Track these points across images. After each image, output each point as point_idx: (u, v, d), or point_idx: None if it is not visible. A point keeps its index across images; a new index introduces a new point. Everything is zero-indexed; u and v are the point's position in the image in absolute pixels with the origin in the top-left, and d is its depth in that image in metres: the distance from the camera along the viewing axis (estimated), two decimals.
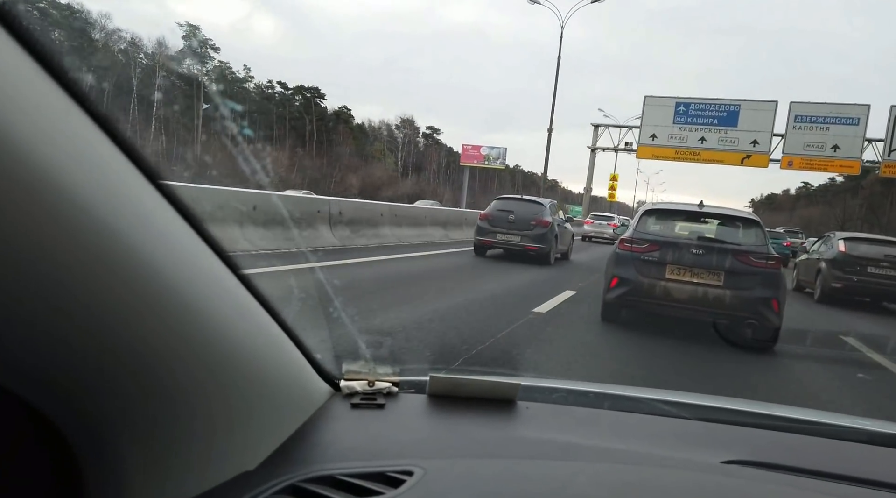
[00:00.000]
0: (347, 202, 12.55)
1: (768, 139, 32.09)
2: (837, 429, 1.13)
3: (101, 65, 52.35)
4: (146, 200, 0.56)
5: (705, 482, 0.80)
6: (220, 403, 0.68)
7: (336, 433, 0.88)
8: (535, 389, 1.16)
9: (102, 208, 0.49)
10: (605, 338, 5.64)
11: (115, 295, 0.51)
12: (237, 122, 1.04)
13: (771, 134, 32.22)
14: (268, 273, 6.11)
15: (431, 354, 4.18)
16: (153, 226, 0.56)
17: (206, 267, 0.65)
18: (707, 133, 33.23)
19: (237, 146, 0.96)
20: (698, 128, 33.52)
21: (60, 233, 0.46)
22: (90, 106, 0.49)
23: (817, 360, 5.90)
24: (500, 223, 11.97)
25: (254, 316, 0.75)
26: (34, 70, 0.45)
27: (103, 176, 0.50)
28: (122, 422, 0.57)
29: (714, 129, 33.18)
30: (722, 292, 5.60)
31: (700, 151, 33.67)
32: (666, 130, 34.10)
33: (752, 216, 6.38)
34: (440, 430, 0.96)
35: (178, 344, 0.59)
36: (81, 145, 0.49)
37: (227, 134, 0.95)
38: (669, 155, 34.70)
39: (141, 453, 0.60)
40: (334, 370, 1.00)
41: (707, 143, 33.27)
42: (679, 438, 1.00)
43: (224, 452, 0.70)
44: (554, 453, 0.87)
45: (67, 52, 46.51)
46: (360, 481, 0.73)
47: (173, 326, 0.58)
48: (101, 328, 0.51)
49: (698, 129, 33.49)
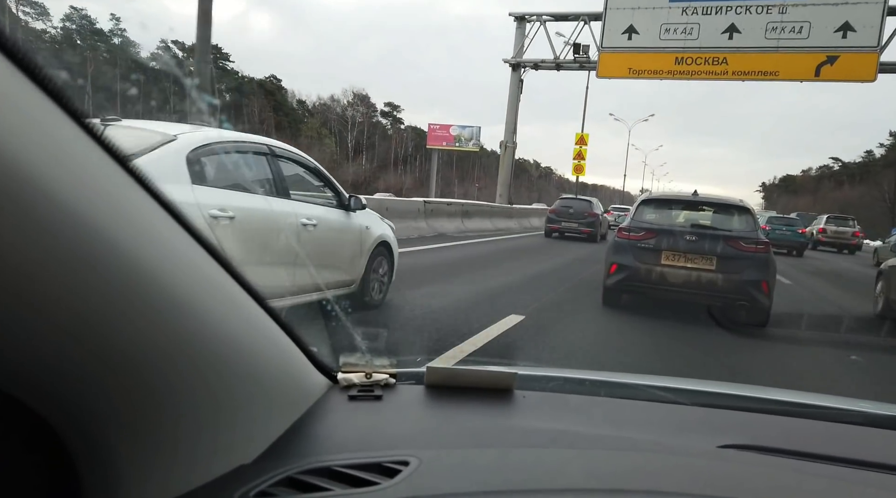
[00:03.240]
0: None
1: (877, 16, 14.78)
2: (834, 411, 1.13)
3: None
4: (129, 197, 0.56)
5: (702, 467, 0.80)
6: (215, 397, 0.68)
7: (333, 425, 0.88)
8: (531, 377, 1.17)
9: (84, 206, 0.48)
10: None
11: (103, 293, 0.51)
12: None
13: (884, 7, 14.96)
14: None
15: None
16: (138, 223, 0.56)
17: (194, 262, 0.64)
18: (742, 17, 15.87)
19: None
20: (720, 6, 16.19)
21: (42, 233, 0.45)
22: (67, 103, 0.49)
23: None
24: (563, 215, 17.72)
25: (247, 311, 0.74)
26: (8, 68, 0.44)
27: (83, 172, 0.50)
28: (116, 418, 0.58)
29: (756, 7, 15.85)
30: (714, 276, 5.87)
31: (727, 56, 16.27)
32: (654, 18, 16.79)
33: (743, 204, 6.60)
34: (437, 420, 0.96)
35: (171, 341, 0.59)
36: (59, 143, 0.48)
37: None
38: (663, 67, 17.26)
39: (137, 449, 0.61)
40: (331, 363, 1.00)
41: (743, 38, 15.84)
42: (675, 424, 1.00)
43: (221, 446, 0.71)
44: (550, 441, 0.87)
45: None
46: (356, 472, 0.73)
47: (164, 323, 0.58)
48: (90, 327, 0.51)
49: (721, 8, 16.15)
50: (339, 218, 4.77)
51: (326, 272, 4.63)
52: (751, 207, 6.56)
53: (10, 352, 0.48)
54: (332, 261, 4.67)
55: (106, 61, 56.07)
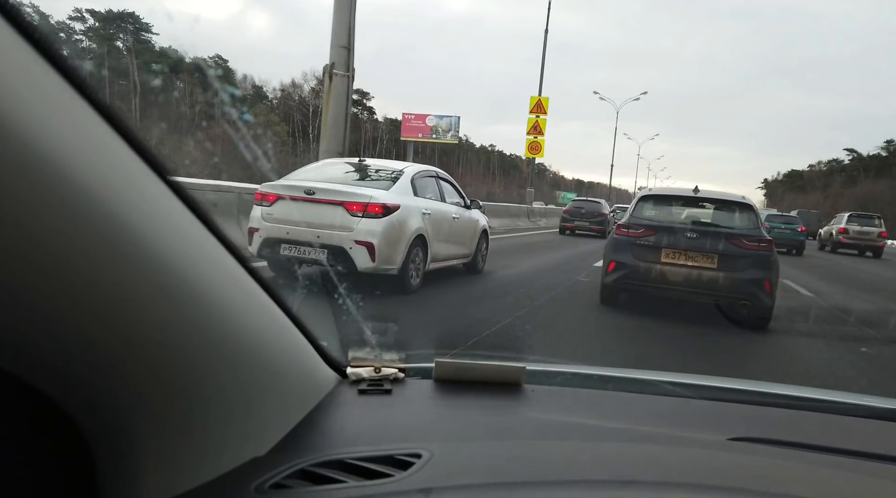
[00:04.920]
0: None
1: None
2: (840, 405, 1.14)
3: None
4: (154, 193, 0.56)
5: (711, 458, 0.80)
6: (229, 391, 0.68)
7: (344, 419, 0.88)
8: (540, 372, 1.17)
9: (111, 201, 0.49)
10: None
11: (126, 287, 0.51)
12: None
13: None
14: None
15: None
16: (162, 219, 0.56)
17: (215, 259, 0.65)
18: None
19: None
20: None
21: (70, 226, 0.46)
22: (94, 98, 0.49)
23: None
24: (576, 214, 19.78)
25: (262, 306, 0.75)
26: (37, 62, 0.44)
27: (110, 168, 0.50)
28: (134, 410, 0.58)
29: None
30: (716, 274, 5.72)
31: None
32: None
33: (746, 200, 6.44)
34: (447, 413, 0.96)
35: (189, 334, 0.60)
36: (86, 137, 0.48)
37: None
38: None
39: (153, 440, 0.61)
40: (341, 358, 1.01)
41: None
42: (684, 417, 1.00)
43: (234, 439, 0.71)
44: (559, 434, 0.87)
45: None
46: (369, 465, 0.73)
47: (184, 317, 0.58)
48: (113, 320, 0.51)
49: None
50: (466, 214, 7.56)
51: (461, 248, 7.41)
52: (753, 204, 6.39)
53: (33, 337, 0.48)
54: (463, 241, 7.47)
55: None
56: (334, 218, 5.55)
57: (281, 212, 5.67)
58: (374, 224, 5.55)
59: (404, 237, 5.85)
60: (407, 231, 5.89)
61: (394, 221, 5.69)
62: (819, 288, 9.77)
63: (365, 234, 5.52)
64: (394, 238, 5.70)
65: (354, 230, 5.52)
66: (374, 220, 5.55)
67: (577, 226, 19.60)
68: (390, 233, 5.65)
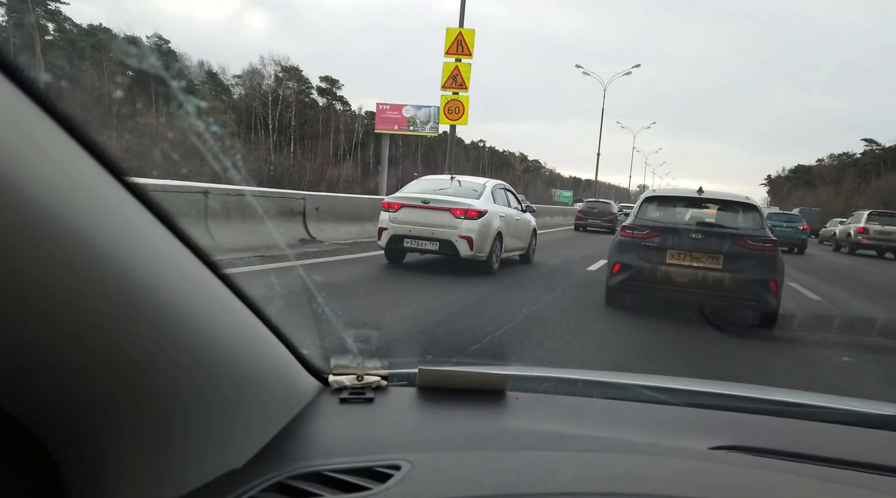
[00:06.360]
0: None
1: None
2: (825, 411, 1.15)
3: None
4: (114, 199, 0.54)
5: (693, 469, 0.80)
6: (204, 402, 0.67)
7: (324, 429, 0.87)
8: (524, 378, 1.18)
9: (69, 210, 0.47)
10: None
11: (91, 299, 0.50)
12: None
13: None
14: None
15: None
16: (124, 226, 0.54)
17: (182, 266, 0.63)
18: None
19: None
20: None
21: (25, 239, 0.44)
22: (49, 104, 0.47)
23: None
24: (589, 214, 24.94)
25: (236, 314, 0.73)
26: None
27: (66, 176, 0.48)
28: (101, 425, 0.57)
29: None
30: (721, 275, 5.75)
31: None
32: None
33: (750, 200, 6.47)
34: (429, 423, 0.94)
35: (158, 345, 0.58)
36: (41, 144, 0.47)
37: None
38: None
39: (124, 454, 0.60)
40: (322, 365, 0.99)
41: None
42: (667, 425, 1.00)
43: (210, 451, 0.70)
44: (542, 444, 0.86)
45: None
46: (347, 477, 0.72)
47: (151, 327, 0.57)
48: (75, 333, 0.50)
49: None
50: (523, 216, 9.86)
51: (520, 242, 9.69)
52: (757, 204, 6.43)
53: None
54: (522, 237, 9.76)
55: None
56: (443, 220, 8.03)
57: (404, 216, 8.19)
58: (472, 224, 8.00)
59: (490, 233, 8.21)
60: (492, 229, 8.26)
61: (484, 222, 8.12)
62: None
63: (466, 230, 7.92)
64: (484, 234, 8.10)
65: (459, 228, 7.92)
66: (471, 221, 8.00)
67: (590, 223, 24.49)
68: (482, 230, 8.07)
